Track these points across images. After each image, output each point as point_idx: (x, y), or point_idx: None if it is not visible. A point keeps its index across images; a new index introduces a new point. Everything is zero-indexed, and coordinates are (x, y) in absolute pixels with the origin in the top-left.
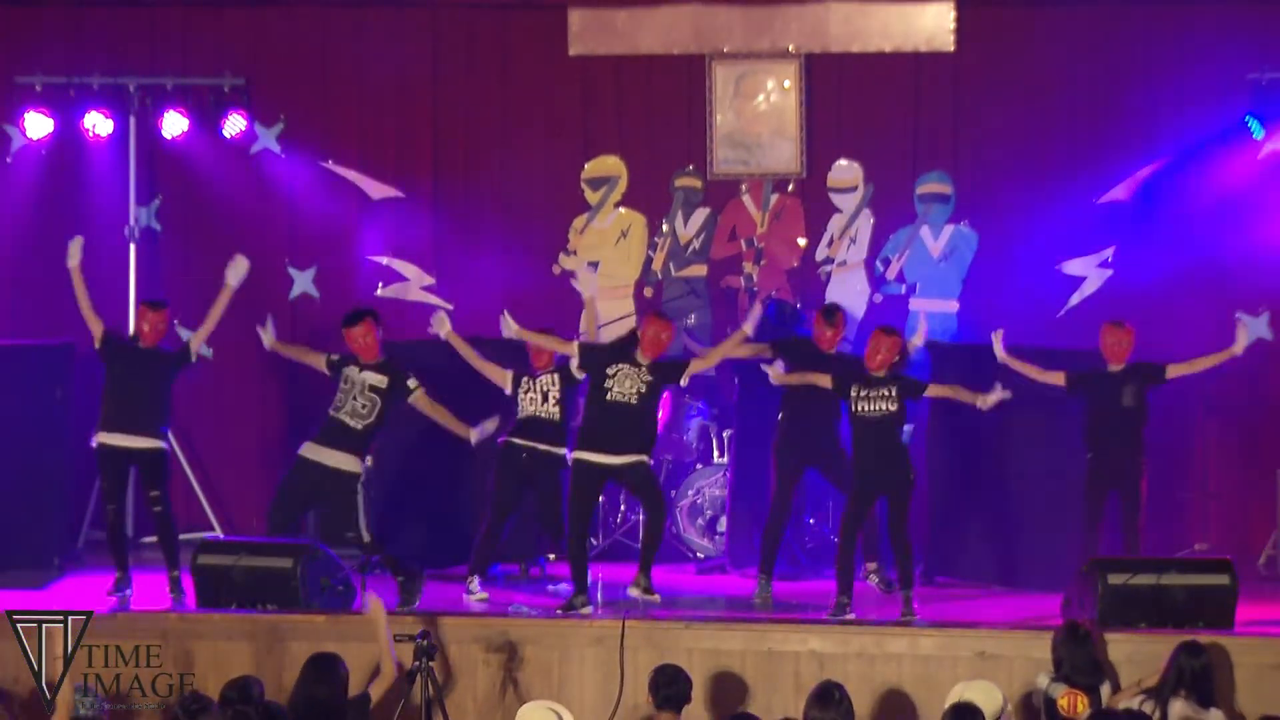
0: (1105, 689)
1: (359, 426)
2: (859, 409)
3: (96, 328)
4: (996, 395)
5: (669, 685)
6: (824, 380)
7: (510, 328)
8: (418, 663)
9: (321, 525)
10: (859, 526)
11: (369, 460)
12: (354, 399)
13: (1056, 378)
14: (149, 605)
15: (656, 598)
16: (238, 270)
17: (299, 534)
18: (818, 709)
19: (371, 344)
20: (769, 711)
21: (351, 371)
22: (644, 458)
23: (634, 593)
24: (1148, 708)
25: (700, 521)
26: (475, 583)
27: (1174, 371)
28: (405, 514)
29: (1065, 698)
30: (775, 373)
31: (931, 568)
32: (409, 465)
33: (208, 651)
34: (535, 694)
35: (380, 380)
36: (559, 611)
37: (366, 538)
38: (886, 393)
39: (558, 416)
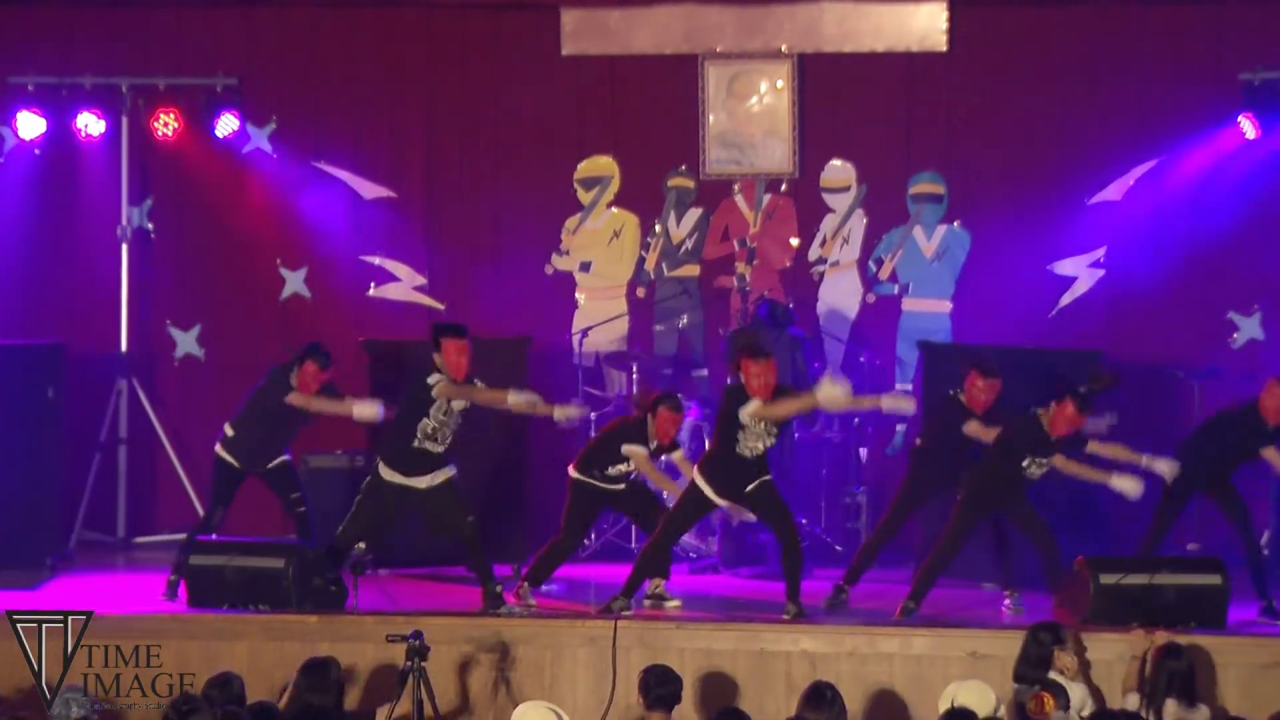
0: (1062, 680)
1: (443, 449)
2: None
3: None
4: None
5: (660, 685)
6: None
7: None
8: (409, 662)
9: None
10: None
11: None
12: (446, 426)
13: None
14: (148, 606)
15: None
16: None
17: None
18: (810, 709)
19: (465, 363)
20: (761, 712)
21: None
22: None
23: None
24: (1138, 708)
25: None
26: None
27: None
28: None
29: (1032, 700)
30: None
31: None
32: None
33: (200, 652)
34: (527, 694)
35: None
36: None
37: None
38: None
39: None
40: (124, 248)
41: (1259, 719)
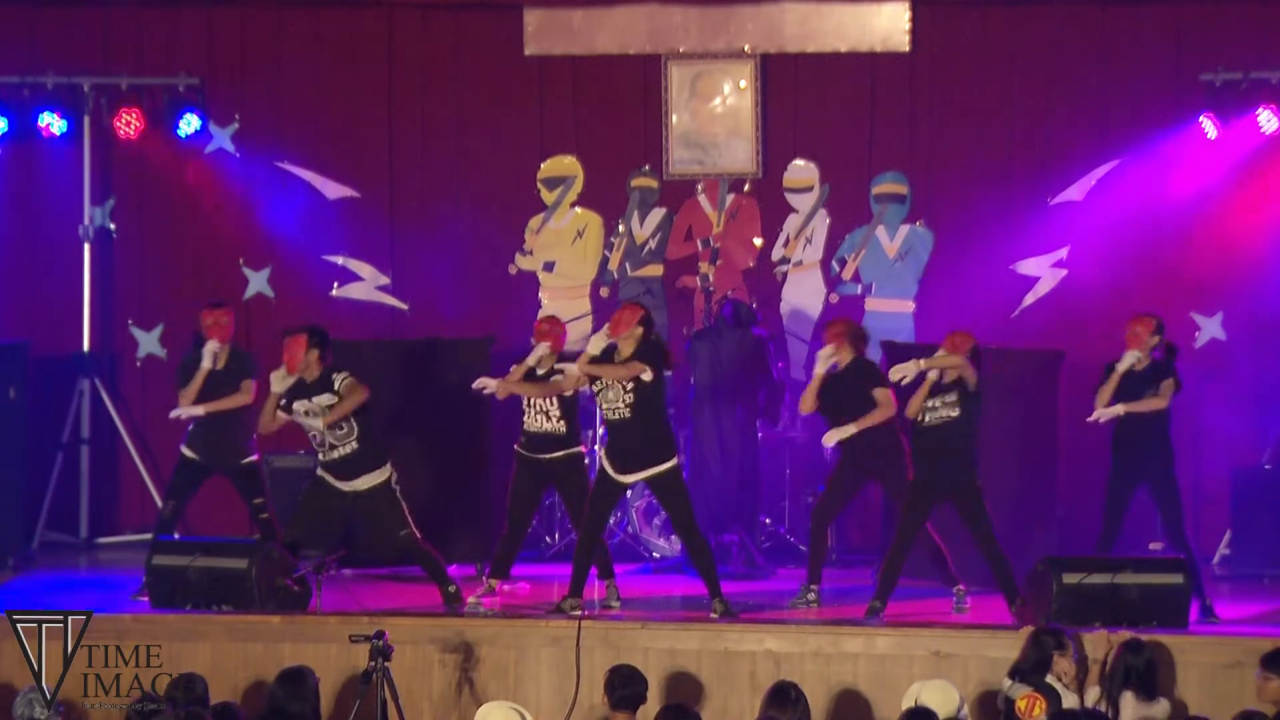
0: (1059, 686)
1: (354, 449)
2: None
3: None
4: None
5: (624, 685)
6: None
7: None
8: (373, 663)
9: (365, 536)
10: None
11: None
12: (323, 432)
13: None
14: (111, 606)
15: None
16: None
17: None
18: (774, 709)
19: (296, 357)
20: (725, 712)
21: (298, 409)
22: (657, 469)
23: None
24: (1098, 701)
25: (656, 521)
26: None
27: None
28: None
29: (1024, 699)
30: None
31: None
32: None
33: (162, 652)
34: (491, 694)
35: (327, 399)
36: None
37: (417, 533)
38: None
39: (564, 429)
40: (86, 247)
41: (1221, 718)
